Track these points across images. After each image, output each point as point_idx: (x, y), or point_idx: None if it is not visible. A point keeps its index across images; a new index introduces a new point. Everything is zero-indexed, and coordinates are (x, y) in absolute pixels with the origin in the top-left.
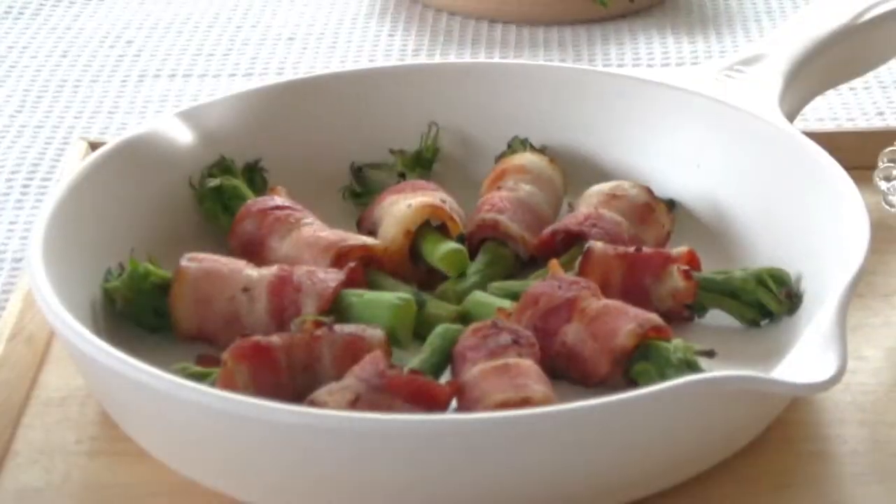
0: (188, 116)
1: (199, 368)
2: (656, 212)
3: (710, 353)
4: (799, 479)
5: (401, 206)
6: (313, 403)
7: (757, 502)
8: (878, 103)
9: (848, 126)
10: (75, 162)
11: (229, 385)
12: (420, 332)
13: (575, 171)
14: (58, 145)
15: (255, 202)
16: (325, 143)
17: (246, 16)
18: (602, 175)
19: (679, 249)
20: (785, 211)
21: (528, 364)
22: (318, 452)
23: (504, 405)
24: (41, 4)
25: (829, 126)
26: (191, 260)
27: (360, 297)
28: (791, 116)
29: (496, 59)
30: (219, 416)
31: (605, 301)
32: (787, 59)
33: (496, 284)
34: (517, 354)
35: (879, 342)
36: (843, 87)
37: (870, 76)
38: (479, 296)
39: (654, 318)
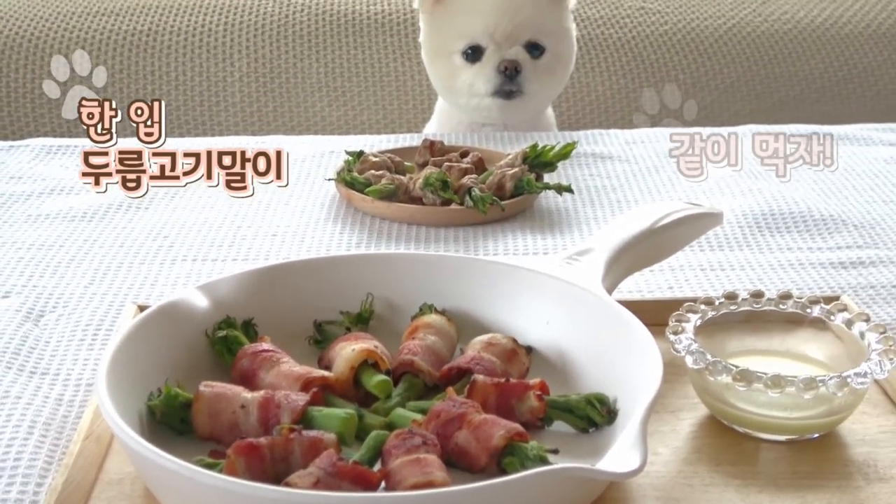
0: (205, 289)
1: (211, 460)
2: (519, 354)
3: (555, 451)
4: None
5: (347, 350)
6: (288, 485)
7: None
8: (669, 281)
9: (649, 296)
10: (128, 319)
11: (232, 472)
12: (360, 435)
13: (465, 326)
14: (117, 307)
15: (250, 347)
16: (297, 307)
17: (244, 219)
18: (483, 329)
19: (534, 380)
20: (606, 354)
21: (433, 458)
22: None
23: (416, 486)
24: (106, 211)
25: (636, 296)
26: (206, 386)
27: (320, 411)
28: (610, 290)
29: (412, 251)
30: (224, 494)
31: (484, 415)
32: (607, 252)
33: (412, 403)
34: (425, 451)
35: (668, 443)
36: (646, 270)
37: (664, 263)
38: (400, 411)
39: (518, 426)
